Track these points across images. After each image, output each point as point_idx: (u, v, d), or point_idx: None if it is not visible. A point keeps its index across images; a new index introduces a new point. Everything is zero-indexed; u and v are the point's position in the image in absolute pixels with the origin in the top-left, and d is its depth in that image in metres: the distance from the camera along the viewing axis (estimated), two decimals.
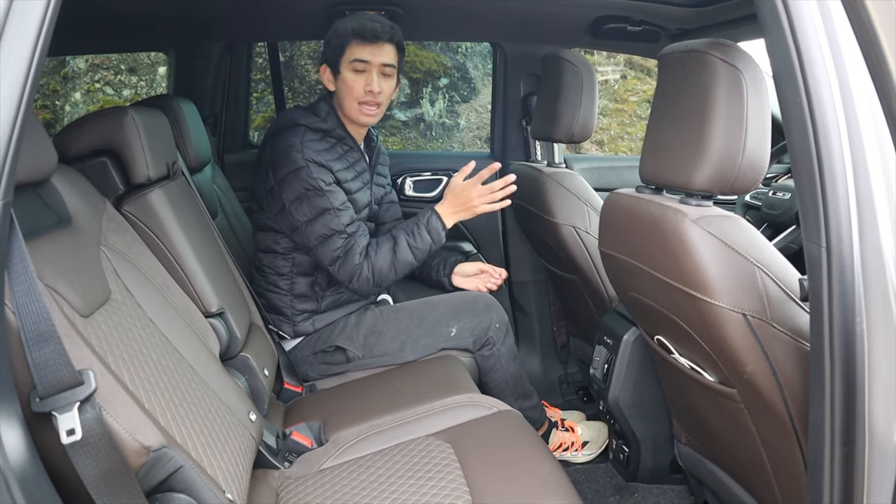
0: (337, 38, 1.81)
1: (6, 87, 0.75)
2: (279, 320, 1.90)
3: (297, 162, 1.74)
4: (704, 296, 1.12)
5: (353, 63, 1.79)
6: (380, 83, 1.81)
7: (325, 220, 1.76)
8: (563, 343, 2.57)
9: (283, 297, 1.90)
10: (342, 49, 1.80)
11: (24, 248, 0.83)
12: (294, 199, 1.75)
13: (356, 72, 1.80)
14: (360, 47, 1.79)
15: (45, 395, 0.85)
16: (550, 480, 1.26)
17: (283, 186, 1.76)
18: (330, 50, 1.83)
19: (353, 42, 1.79)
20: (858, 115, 0.85)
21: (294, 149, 1.75)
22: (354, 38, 1.78)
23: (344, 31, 1.79)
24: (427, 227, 1.81)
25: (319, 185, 1.74)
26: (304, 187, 1.74)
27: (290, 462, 1.47)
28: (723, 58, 1.11)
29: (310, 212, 1.75)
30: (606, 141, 5.28)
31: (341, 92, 1.84)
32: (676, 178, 1.20)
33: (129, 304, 1.18)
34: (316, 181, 1.74)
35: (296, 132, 1.79)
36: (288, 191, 1.76)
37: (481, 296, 1.98)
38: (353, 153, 1.90)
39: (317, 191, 1.74)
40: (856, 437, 0.87)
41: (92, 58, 4.70)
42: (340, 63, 1.81)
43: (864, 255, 0.85)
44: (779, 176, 2.28)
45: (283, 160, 1.75)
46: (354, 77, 1.80)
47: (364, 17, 1.81)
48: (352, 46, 1.79)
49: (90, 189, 1.31)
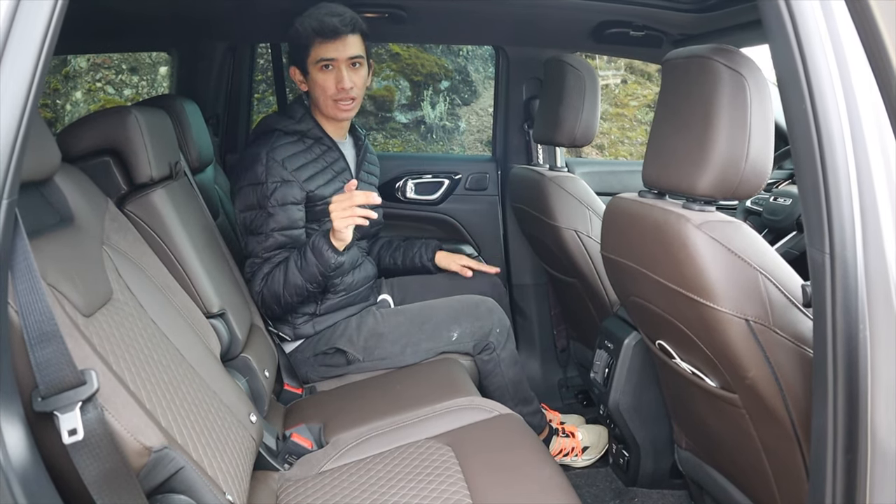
0: (299, 39, 1.76)
1: (13, 85, 0.75)
2: (279, 322, 1.90)
3: (257, 176, 1.73)
4: (707, 301, 1.12)
5: (319, 63, 1.77)
6: (350, 77, 1.78)
7: (251, 239, 1.77)
8: (564, 347, 2.57)
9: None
10: (306, 50, 1.76)
11: (28, 246, 0.83)
12: (242, 209, 1.77)
13: (325, 70, 1.77)
14: (324, 46, 1.75)
15: (47, 395, 0.85)
16: (551, 484, 1.26)
17: (237, 195, 1.78)
18: (294, 51, 1.80)
19: (315, 41, 1.75)
20: (862, 120, 0.85)
21: (258, 162, 1.74)
22: (316, 38, 1.74)
23: (305, 32, 1.75)
24: (311, 247, 1.71)
25: (265, 204, 1.73)
26: (252, 202, 1.74)
27: (289, 464, 1.47)
28: (727, 63, 1.11)
29: (245, 226, 1.78)
30: (607, 145, 5.28)
31: (314, 91, 1.82)
32: (679, 183, 1.20)
33: (130, 304, 1.18)
34: (264, 199, 1.73)
35: (267, 140, 1.79)
36: (240, 201, 1.77)
37: (483, 300, 1.98)
38: (331, 153, 1.88)
39: (261, 209, 1.74)
40: (858, 443, 0.87)
41: (93, 57, 4.70)
42: (307, 64, 1.78)
43: (868, 261, 0.85)
44: (780, 181, 2.28)
45: (245, 171, 1.76)
46: (324, 76, 1.78)
47: (322, 12, 1.74)
48: (315, 46, 1.75)
49: (93, 188, 1.31)
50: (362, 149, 2.01)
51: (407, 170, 2.63)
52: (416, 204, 2.63)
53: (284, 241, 1.77)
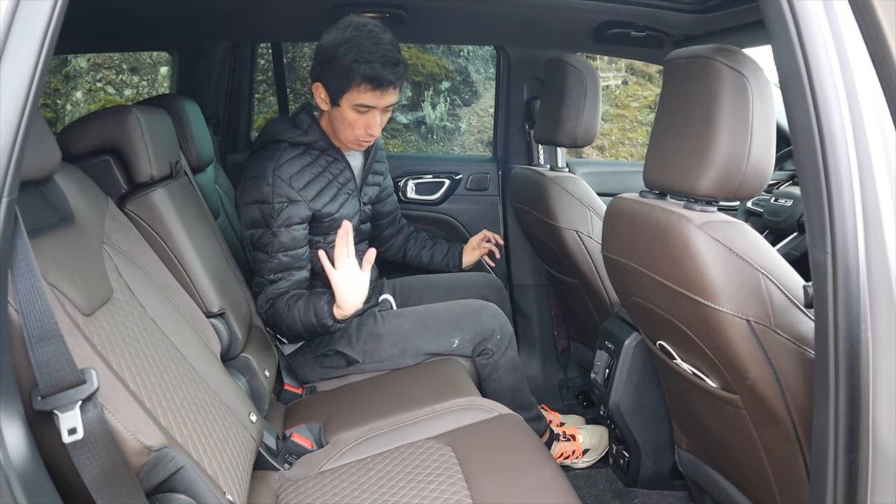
0: (343, 72, 1.66)
1: (13, 83, 0.75)
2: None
3: (262, 194, 1.70)
4: (708, 301, 1.12)
5: (357, 105, 1.70)
6: (381, 123, 1.76)
7: (258, 257, 1.75)
8: (564, 347, 2.56)
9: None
10: (347, 87, 1.67)
11: (29, 245, 0.83)
12: (247, 226, 1.75)
13: (359, 111, 1.71)
14: (369, 93, 1.67)
15: (47, 394, 0.85)
16: (551, 484, 1.26)
17: (243, 212, 1.76)
18: (331, 78, 1.69)
19: (362, 85, 1.66)
20: (865, 121, 0.85)
21: (264, 180, 1.70)
22: (365, 83, 1.66)
23: (353, 71, 1.64)
24: (315, 309, 1.70)
25: (270, 223, 1.71)
26: (258, 219, 1.72)
27: (289, 464, 1.47)
28: (729, 64, 1.11)
29: (251, 242, 1.76)
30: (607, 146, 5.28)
31: (337, 122, 1.76)
32: (681, 184, 1.19)
33: (130, 304, 1.18)
34: (270, 218, 1.70)
35: (272, 152, 1.75)
36: (245, 217, 1.75)
37: (485, 306, 1.98)
38: (337, 164, 1.84)
39: (266, 228, 1.71)
40: (859, 444, 0.87)
41: (94, 57, 4.70)
42: (342, 98, 1.70)
43: (870, 262, 0.85)
44: (780, 183, 2.28)
45: (250, 187, 1.72)
46: (356, 116, 1.72)
47: (378, 61, 1.64)
48: (359, 89, 1.67)
49: (93, 188, 1.31)
50: (372, 150, 1.96)
51: (407, 170, 2.63)
52: (416, 204, 2.63)
53: (288, 261, 1.76)
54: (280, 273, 1.76)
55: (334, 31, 1.70)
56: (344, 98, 1.70)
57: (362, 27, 1.68)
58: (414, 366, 1.87)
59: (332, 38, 1.69)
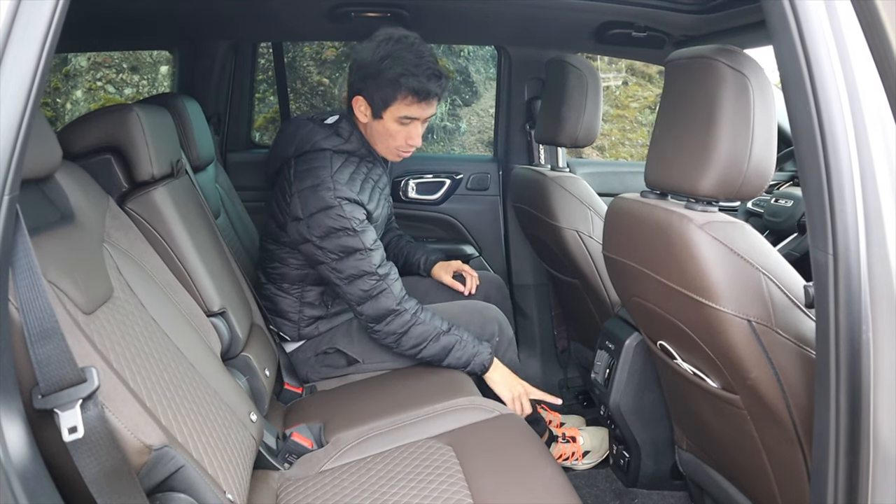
0: (388, 86, 1.67)
1: (14, 81, 0.75)
2: (284, 324, 1.89)
3: (328, 200, 1.67)
4: (709, 301, 1.12)
5: (401, 117, 1.71)
6: (420, 132, 1.77)
7: (355, 260, 1.70)
8: (564, 347, 2.56)
9: (292, 304, 1.87)
10: (392, 100, 1.69)
11: (29, 243, 0.83)
12: (323, 236, 1.69)
13: (401, 123, 1.73)
14: (413, 105, 1.70)
15: (48, 392, 0.85)
16: (552, 484, 1.26)
17: (311, 223, 1.69)
18: (375, 91, 1.69)
19: (408, 98, 1.68)
20: (867, 121, 0.85)
21: (324, 186, 1.68)
22: (410, 95, 1.67)
23: (399, 84, 1.66)
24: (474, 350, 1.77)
25: (352, 226, 1.69)
26: (335, 226, 1.68)
27: (290, 463, 1.47)
28: (730, 64, 1.11)
29: (340, 251, 1.70)
30: (607, 146, 5.28)
31: (377, 133, 1.77)
32: (682, 184, 1.19)
33: (131, 302, 1.18)
34: (348, 221, 1.68)
35: (322, 160, 1.73)
36: (317, 228, 1.69)
37: (487, 307, 1.98)
38: (377, 168, 1.86)
39: (348, 231, 1.69)
40: (860, 445, 0.87)
41: (94, 56, 4.70)
42: (385, 111, 1.71)
43: (871, 263, 0.85)
44: (781, 183, 2.28)
45: (312, 197, 1.68)
46: (398, 128, 1.73)
47: (423, 74, 1.66)
48: (404, 102, 1.69)
49: (94, 186, 1.31)
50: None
51: (408, 169, 2.63)
52: (417, 204, 2.63)
53: (383, 252, 1.76)
54: (385, 263, 1.76)
55: (373, 45, 1.70)
56: (388, 111, 1.71)
57: (403, 40, 1.70)
58: (414, 365, 1.87)
59: (371, 52, 1.69)
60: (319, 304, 1.88)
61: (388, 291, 1.73)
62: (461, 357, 1.77)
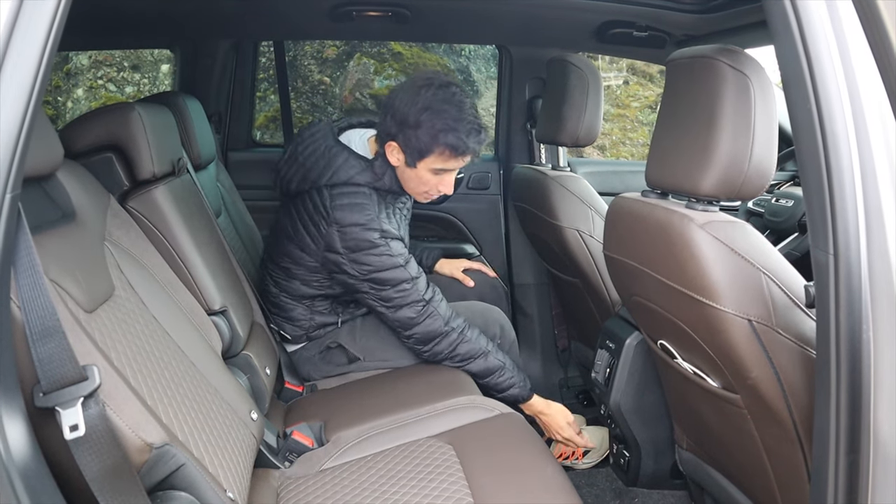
0: (426, 139, 1.63)
1: (17, 80, 0.75)
2: (294, 329, 1.88)
3: (374, 241, 1.68)
4: (709, 301, 1.12)
5: (435, 169, 1.69)
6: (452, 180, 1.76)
7: (402, 291, 1.72)
8: (565, 346, 2.56)
9: (304, 312, 1.87)
10: (427, 153, 1.66)
11: (31, 242, 0.83)
12: (369, 272, 1.70)
13: (434, 173, 1.71)
14: (452, 159, 1.68)
15: (49, 391, 0.85)
16: (552, 483, 1.26)
17: (356, 260, 1.69)
18: (411, 142, 1.65)
19: (445, 152, 1.65)
20: (868, 120, 0.85)
21: (370, 227, 1.68)
22: (448, 151, 1.65)
23: (438, 140, 1.63)
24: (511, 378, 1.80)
25: (399, 262, 1.71)
26: (382, 265, 1.70)
27: (290, 462, 1.47)
28: (731, 64, 1.11)
29: (386, 284, 1.72)
30: (608, 146, 5.28)
31: (407, 177, 1.74)
32: (683, 183, 1.19)
33: (132, 301, 1.18)
34: (395, 258, 1.70)
35: (363, 198, 1.70)
36: (362, 265, 1.70)
37: (489, 309, 1.98)
38: (402, 197, 1.87)
39: (395, 266, 1.71)
40: (860, 444, 0.87)
41: (95, 54, 4.70)
42: (419, 161, 1.68)
43: (872, 262, 0.85)
44: (782, 183, 2.28)
45: (357, 237, 1.67)
46: (430, 177, 1.71)
47: (463, 130, 1.63)
48: (441, 156, 1.66)
49: (95, 184, 1.31)
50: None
51: None
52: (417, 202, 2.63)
53: (426, 277, 1.77)
54: (431, 287, 1.77)
55: (411, 92, 1.66)
56: (422, 162, 1.68)
57: (444, 89, 1.65)
58: (415, 364, 1.88)
59: (410, 100, 1.65)
60: (330, 312, 1.88)
61: (435, 314, 1.75)
62: (501, 382, 1.79)
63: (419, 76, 1.72)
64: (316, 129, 1.84)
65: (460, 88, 1.69)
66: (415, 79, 1.71)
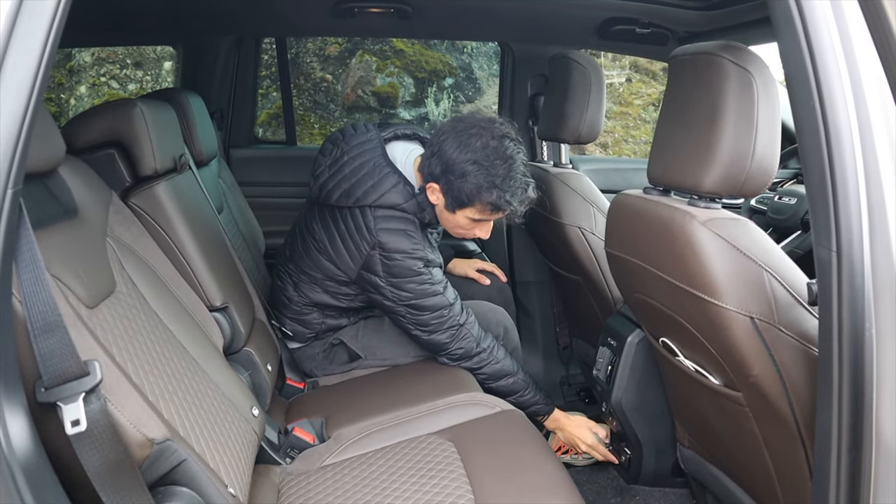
0: (471, 192, 1.60)
1: (18, 76, 0.75)
2: (303, 330, 1.88)
3: (417, 269, 1.68)
4: (711, 298, 1.11)
5: (473, 218, 1.68)
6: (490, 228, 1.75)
7: (439, 316, 1.73)
8: (566, 344, 2.56)
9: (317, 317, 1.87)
10: (469, 204, 1.63)
11: (33, 237, 0.83)
12: (412, 298, 1.71)
13: (473, 221, 1.69)
14: (491, 214, 1.67)
15: (51, 386, 0.85)
16: (553, 480, 1.26)
17: (395, 286, 1.69)
18: (454, 190, 1.61)
19: (486, 208, 1.63)
20: (871, 117, 0.85)
21: (415, 256, 1.68)
22: (490, 207, 1.63)
23: (482, 196, 1.60)
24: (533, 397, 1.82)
25: (437, 290, 1.71)
26: (424, 292, 1.70)
27: (291, 458, 1.47)
28: (734, 60, 1.11)
29: (426, 309, 1.72)
30: (611, 144, 5.27)
31: (446, 219, 1.72)
32: (685, 180, 1.19)
33: (133, 297, 1.18)
34: (435, 286, 1.71)
35: (409, 226, 1.69)
36: (402, 291, 1.70)
37: (494, 310, 1.98)
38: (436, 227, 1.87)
39: (435, 295, 1.71)
40: (863, 442, 0.87)
41: (98, 51, 4.71)
42: (459, 209, 1.66)
43: (875, 260, 0.85)
44: (784, 181, 2.27)
45: (400, 263, 1.67)
46: (468, 222, 1.70)
47: (508, 188, 1.59)
48: (482, 211, 1.65)
49: (97, 181, 1.31)
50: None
51: None
52: None
53: (460, 301, 1.79)
54: (464, 311, 1.78)
55: (462, 136, 1.60)
56: (462, 210, 1.67)
57: (498, 141, 1.59)
58: (416, 362, 1.88)
59: (459, 147, 1.59)
60: (342, 316, 1.88)
61: (467, 336, 1.76)
62: (520, 402, 1.79)
63: (474, 120, 1.64)
64: (364, 138, 1.77)
65: (515, 142, 1.63)
66: (469, 123, 1.63)
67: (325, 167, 1.75)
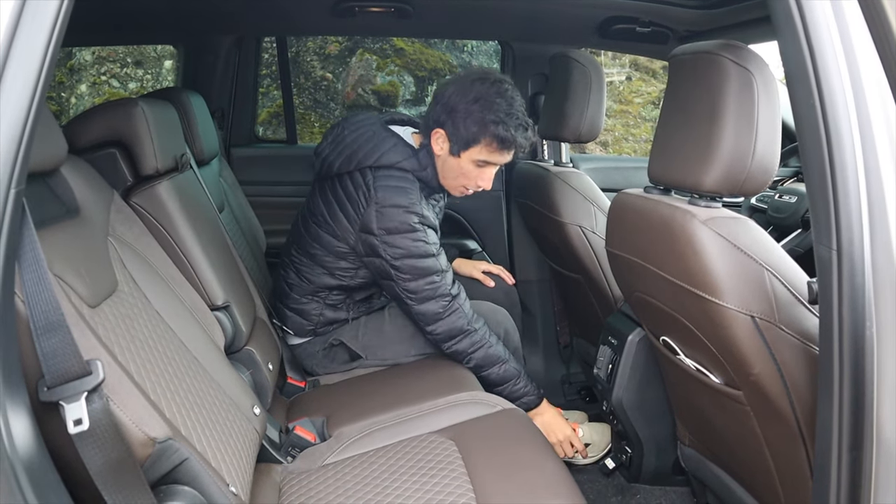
0: (474, 129, 1.66)
1: (21, 76, 0.75)
2: (302, 323, 1.88)
3: (412, 224, 1.70)
4: (712, 297, 1.12)
5: (478, 160, 1.71)
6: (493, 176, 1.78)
7: (430, 283, 1.73)
8: (567, 343, 2.56)
9: (316, 307, 1.87)
10: (474, 142, 1.68)
11: (36, 237, 0.83)
12: (400, 257, 1.71)
13: (477, 165, 1.73)
14: (495, 153, 1.69)
15: (53, 385, 0.85)
16: (554, 479, 1.26)
17: (389, 242, 1.70)
18: (458, 129, 1.68)
19: (492, 144, 1.67)
20: (871, 116, 0.85)
21: (412, 210, 1.70)
22: (495, 143, 1.67)
23: (486, 130, 1.66)
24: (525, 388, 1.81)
25: (432, 250, 1.72)
26: (416, 251, 1.70)
27: (292, 457, 1.47)
28: (734, 59, 1.11)
29: (416, 272, 1.72)
30: (611, 142, 5.27)
31: (449, 168, 1.75)
32: (685, 179, 1.19)
33: (135, 296, 1.18)
34: (429, 246, 1.71)
35: (408, 182, 1.72)
36: (394, 248, 1.70)
37: (496, 310, 1.98)
38: (436, 195, 1.88)
39: (428, 254, 1.72)
40: (863, 441, 0.87)
41: (98, 50, 4.71)
42: (465, 151, 1.70)
43: (875, 259, 0.85)
44: (785, 179, 2.28)
45: (396, 217, 1.69)
46: (471, 169, 1.73)
47: (512, 124, 1.65)
48: (487, 147, 1.68)
49: (99, 180, 1.31)
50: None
51: None
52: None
53: (452, 272, 1.79)
54: (456, 283, 1.78)
55: (463, 82, 1.70)
56: (467, 152, 1.70)
57: (497, 84, 1.68)
58: (416, 361, 1.88)
59: (461, 89, 1.69)
60: (342, 307, 1.88)
61: (459, 311, 1.76)
62: (514, 392, 1.80)
63: (473, 71, 1.76)
64: (363, 117, 1.88)
65: (512, 85, 1.71)
66: (469, 72, 1.75)
67: (327, 144, 1.84)
